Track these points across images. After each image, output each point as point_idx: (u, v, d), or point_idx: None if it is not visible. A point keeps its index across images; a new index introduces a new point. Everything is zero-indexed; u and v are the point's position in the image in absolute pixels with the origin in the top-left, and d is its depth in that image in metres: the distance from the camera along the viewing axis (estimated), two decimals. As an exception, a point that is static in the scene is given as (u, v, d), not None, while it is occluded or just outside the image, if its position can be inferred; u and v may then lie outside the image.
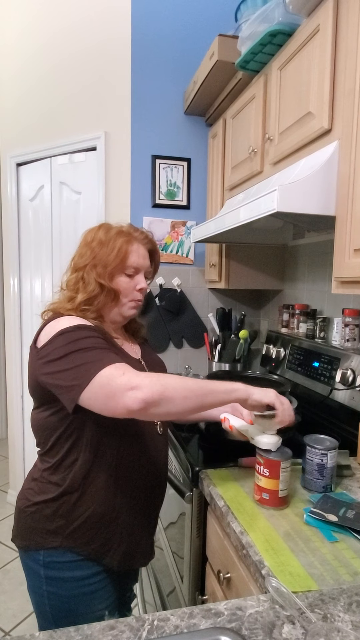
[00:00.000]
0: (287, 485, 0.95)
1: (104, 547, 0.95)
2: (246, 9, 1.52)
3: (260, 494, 0.95)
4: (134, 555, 1.01)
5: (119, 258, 1.00)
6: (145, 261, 1.05)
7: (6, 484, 2.99)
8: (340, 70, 1.09)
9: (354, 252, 1.03)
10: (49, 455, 0.97)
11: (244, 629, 0.63)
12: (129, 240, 1.02)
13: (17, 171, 2.57)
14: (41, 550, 0.94)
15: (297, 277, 1.93)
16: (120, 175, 2.12)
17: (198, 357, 2.25)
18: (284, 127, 1.35)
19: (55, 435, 0.94)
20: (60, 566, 0.94)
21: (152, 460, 1.02)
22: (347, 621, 0.64)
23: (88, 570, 0.95)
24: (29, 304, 2.61)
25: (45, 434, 0.96)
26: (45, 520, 0.94)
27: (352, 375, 1.34)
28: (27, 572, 0.98)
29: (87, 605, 0.96)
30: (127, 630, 0.63)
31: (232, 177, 1.81)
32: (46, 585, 0.94)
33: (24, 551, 0.97)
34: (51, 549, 0.93)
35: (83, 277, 1.00)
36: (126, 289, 1.03)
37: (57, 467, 0.95)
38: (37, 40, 2.38)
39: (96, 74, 2.16)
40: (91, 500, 0.94)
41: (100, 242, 1.01)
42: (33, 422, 0.99)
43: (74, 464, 0.93)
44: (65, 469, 0.94)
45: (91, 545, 0.94)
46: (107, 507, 0.95)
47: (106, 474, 0.95)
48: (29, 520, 0.96)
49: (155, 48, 2.05)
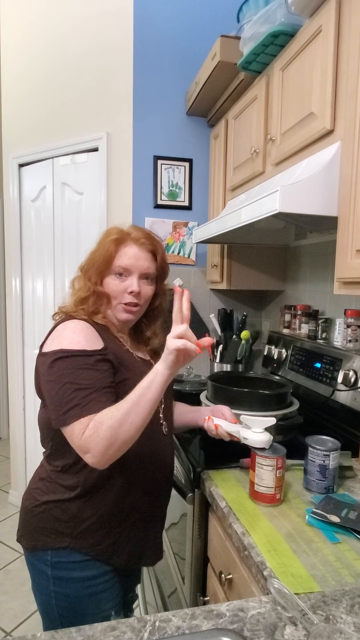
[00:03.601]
0: (273, 484, 0.95)
1: (113, 547, 0.95)
2: (248, 10, 1.52)
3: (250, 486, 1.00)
4: (142, 555, 1.01)
5: (104, 259, 0.99)
6: (138, 262, 1.00)
7: (8, 484, 2.99)
8: (342, 71, 1.09)
9: (356, 252, 1.03)
10: (57, 456, 0.96)
11: (245, 630, 0.63)
12: (119, 241, 1.00)
13: (20, 172, 2.57)
14: (49, 550, 0.94)
15: (299, 278, 1.93)
16: (122, 176, 2.13)
17: (199, 358, 2.24)
18: (286, 127, 1.35)
19: (61, 435, 0.92)
20: (68, 566, 0.93)
21: (159, 460, 1.02)
22: (350, 623, 0.63)
23: (96, 570, 0.95)
24: (31, 304, 2.61)
25: (50, 433, 0.95)
26: (54, 520, 0.94)
27: (354, 376, 1.34)
28: (34, 573, 0.97)
29: (95, 605, 0.96)
30: (129, 631, 0.63)
31: (234, 178, 1.80)
32: (53, 586, 0.94)
33: (30, 551, 0.97)
34: (59, 549, 0.93)
35: (79, 279, 1.03)
36: (115, 291, 0.99)
37: (68, 469, 0.94)
38: (39, 42, 2.38)
39: (98, 75, 2.16)
40: (102, 502, 0.94)
41: (97, 244, 1.02)
42: (40, 421, 0.99)
43: (82, 465, 0.92)
44: (77, 472, 0.93)
45: (100, 545, 0.94)
46: (117, 508, 0.95)
47: (117, 476, 0.95)
48: (36, 520, 0.96)
49: (158, 49, 2.05)
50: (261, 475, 0.96)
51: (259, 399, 1.30)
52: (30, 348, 2.62)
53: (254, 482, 0.97)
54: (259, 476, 0.96)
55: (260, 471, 0.96)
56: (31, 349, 2.61)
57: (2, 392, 3.82)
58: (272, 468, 0.95)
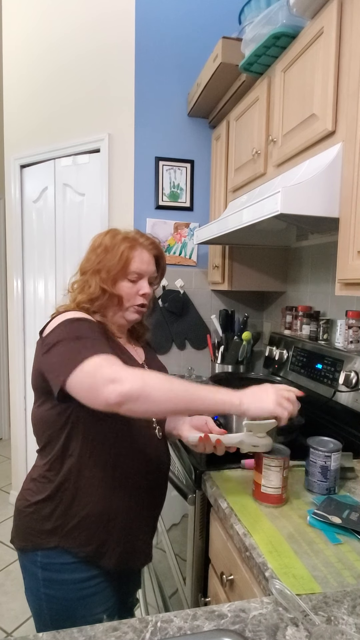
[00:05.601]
0: (280, 484, 0.95)
1: (102, 548, 0.95)
2: (250, 12, 1.53)
3: (253, 486, 1.00)
4: (130, 557, 1.01)
5: (121, 263, 1.01)
6: (149, 267, 1.05)
7: (8, 485, 3.00)
8: (344, 72, 1.09)
9: (357, 253, 1.03)
10: (45, 452, 0.97)
11: (247, 631, 0.63)
12: (133, 246, 1.03)
13: (21, 173, 2.58)
14: (38, 550, 0.94)
15: (301, 279, 1.93)
16: (123, 177, 2.13)
17: (201, 359, 2.25)
18: (287, 129, 1.35)
19: (51, 430, 0.95)
20: (57, 568, 0.94)
21: (151, 464, 1.02)
22: (351, 624, 0.63)
23: (86, 573, 0.94)
24: (32, 305, 2.61)
25: (42, 428, 0.97)
26: (42, 520, 0.94)
27: (356, 377, 1.34)
28: (25, 574, 0.98)
29: (85, 608, 0.95)
30: (131, 631, 0.63)
31: (236, 179, 1.81)
32: (44, 588, 0.94)
33: (22, 552, 0.97)
34: (48, 549, 0.93)
35: (87, 281, 1.02)
36: (128, 294, 1.03)
37: (53, 462, 0.95)
38: (42, 44, 2.39)
39: (100, 77, 2.17)
40: (87, 498, 0.94)
41: (106, 248, 1.03)
42: (33, 419, 1.00)
43: (69, 459, 0.93)
44: (62, 465, 0.94)
45: (88, 546, 0.94)
46: (103, 507, 0.95)
47: (102, 473, 0.95)
48: (27, 521, 0.96)
49: (159, 50, 2.05)
50: (269, 477, 0.95)
51: (260, 400, 1.30)
52: (31, 348, 2.62)
53: (261, 484, 0.96)
54: (266, 477, 0.96)
55: (267, 472, 0.95)
56: (32, 349, 2.61)
57: (3, 392, 3.82)
58: (280, 468, 0.95)
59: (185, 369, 2.20)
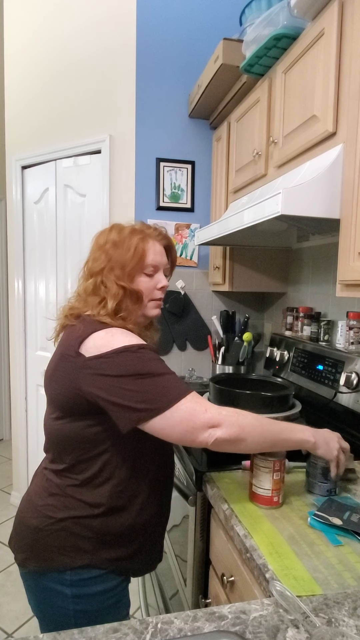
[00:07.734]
0: (270, 486, 0.95)
1: (133, 557, 0.94)
2: (251, 13, 1.53)
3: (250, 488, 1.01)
4: (153, 560, 1.01)
5: (136, 257, 0.95)
6: (163, 258, 1.01)
7: (9, 486, 3.00)
8: (345, 74, 1.09)
9: (358, 255, 1.03)
10: (74, 471, 0.90)
11: (247, 632, 0.63)
12: (144, 238, 0.97)
13: (23, 174, 2.58)
14: (68, 570, 0.88)
15: (301, 280, 1.93)
16: (124, 178, 2.13)
17: (201, 360, 2.25)
18: (288, 130, 1.35)
19: (84, 448, 0.88)
20: (88, 582, 0.89)
21: (170, 470, 1.02)
22: (352, 626, 0.63)
23: (114, 581, 0.92)
24: (34, 306, 2.62)
25: (71, 445, 0.89)
26: (74, 537, 0.88)
27: (357, 379, 1.34)
28: (45, 595, 0.90)
29: (115, 614, 0.93)
30: (131, 633, 0.63)
31: (236, 180, 1.81)
32: (73, 605, 0.89)
33: (40, 574, 0.90)
34: (79, 567, 0.88)
35: (103, 282, 0.94)
36: (147, 288, 0.98)
37: (88, 483, 0.89)
38: (43, 46, 2.39)
39: (101, 78, 2.17)
40: (127, 516, 0.91)
41: (114, 244, 0.96)
42: (54, 433, 0.92)
43: (108, 482, 0.89)
44: (100, 485, 0.89)
45: (119, 561, 0.91)
46: (138, 520, 0.93)
47: (143, 489, 0.93)
48: (52, 539, 0.89)
49: (160, 52, 2.06)
50: (259, 477, 0.96)
51: (261, 401, 1.31)
52: (32, 349, 2.63)
53: (252, 484, 0.98)
54: (256, 477, 0.96)
55: (257, 472, 0.96)
56: (33, 350, 2.62)
57: (4, 393, 3.82)
58: (269, 470, 0.95)
59: (186, 370, 2.20)
